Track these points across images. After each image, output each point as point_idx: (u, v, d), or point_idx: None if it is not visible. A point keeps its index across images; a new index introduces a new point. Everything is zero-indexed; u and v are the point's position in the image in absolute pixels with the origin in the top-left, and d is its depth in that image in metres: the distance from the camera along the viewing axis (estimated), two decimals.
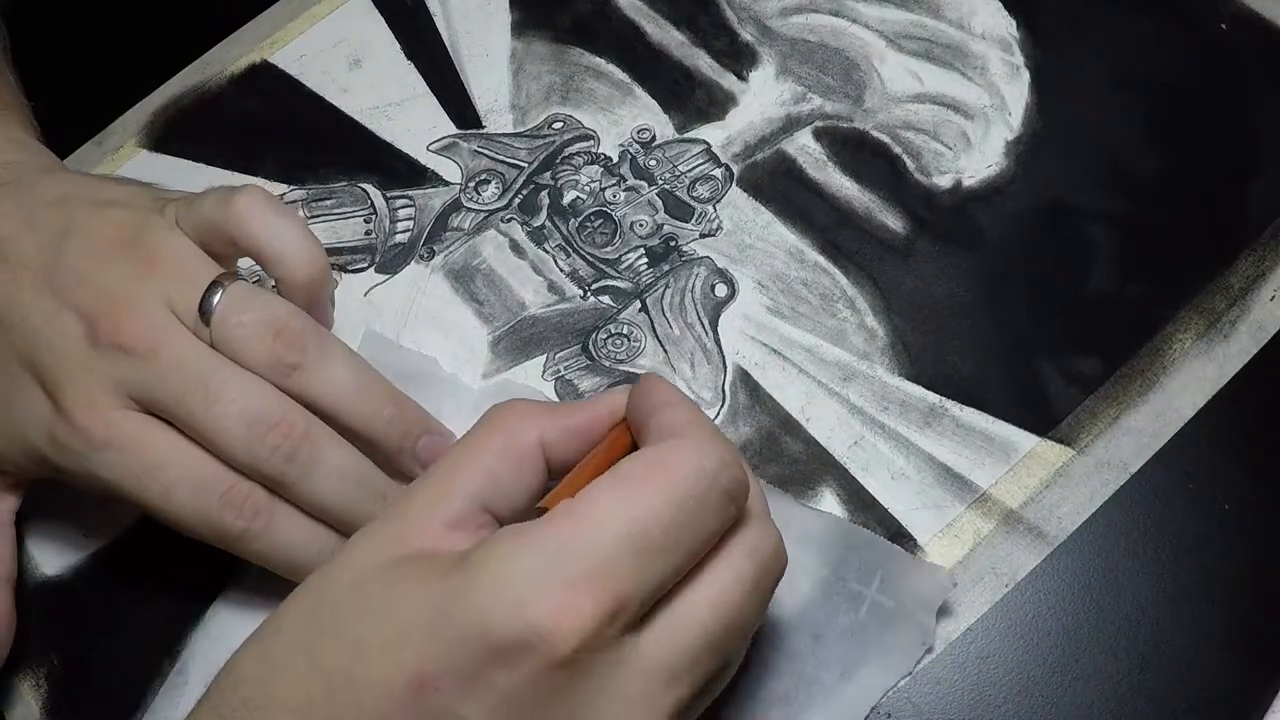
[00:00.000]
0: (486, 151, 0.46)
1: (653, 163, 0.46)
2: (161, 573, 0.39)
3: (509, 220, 0.45)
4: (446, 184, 0.46)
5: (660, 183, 0.45)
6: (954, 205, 0.44)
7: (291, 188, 0.46)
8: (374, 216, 0.45)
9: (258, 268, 0.37)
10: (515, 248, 0.44)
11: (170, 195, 0.38)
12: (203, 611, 0.38)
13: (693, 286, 0.43)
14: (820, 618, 0.35)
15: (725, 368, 0.41)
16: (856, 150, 0.45)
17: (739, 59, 0.48)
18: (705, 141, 0.46)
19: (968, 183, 0.44)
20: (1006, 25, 0.47)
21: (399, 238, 0.45)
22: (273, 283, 0.37)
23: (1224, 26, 0.46)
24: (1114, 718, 0.35)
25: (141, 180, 0.41)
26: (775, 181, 0.45)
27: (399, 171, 0.46)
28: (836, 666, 0.35)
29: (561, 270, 0.44)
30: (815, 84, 0.47)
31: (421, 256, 0.44)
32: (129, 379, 0.34)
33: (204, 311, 0.34)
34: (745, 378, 0.41)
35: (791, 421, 0.40)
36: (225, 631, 0.37)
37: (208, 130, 0.48)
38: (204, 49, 0.50)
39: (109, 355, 0.34)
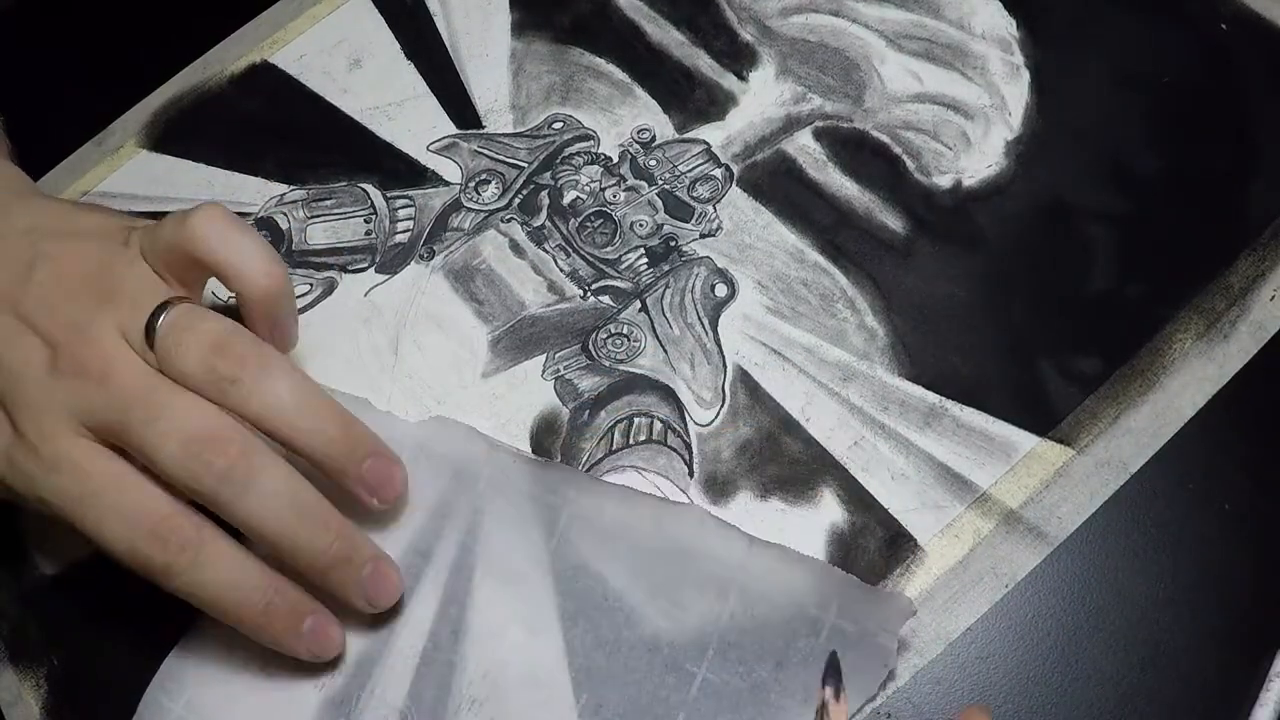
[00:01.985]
0: (486, 151, 0.46)
1: (653, 163, 0.46)
2: None
3: (509, 220, 0.45)
4: (446, 184, 0.46)
5: (660, 183, 0.45)
6: (954, 205, 0.44)
7: (291, 188, 0.46)
8: (374, 216, 0.45)
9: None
10: (515, 248, 0.44)
11: (137, 223, 0.38)
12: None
13: (693, 286, 0.43)
14: (781, 645, 0.35)
15: (725, 368, 0.41)
16: (856, 150, 0.45)
17: (739, 59, 0.48)
18: (705, 141, 0.46)
19: (968, 183, 0.44)
20: (1006, 25, 0.47)
21: (399, 238, 0.45)
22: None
23: (1224, 26, 0.46)
24: (1114, 718, 0.35)
25: (113, 208, 0.41)
26: (775, 181, 0.45)
27: (399, 171, 0.46)
28: (800, 693, 0.34)
29: (561, 270, 0.44)
30: (815, 84, 0.47)
31: (421, 256, 0.44)
32: (83, 405, 0.34)
33: (149, 334, 0.34)
34: (745, 378, 0.41)
35: (791, 421, 0.40)
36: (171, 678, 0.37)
37: (208, 130, 0.48)
38: (204, 49, 0.50)
39: (66, 382, 0.34)
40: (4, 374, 0.35)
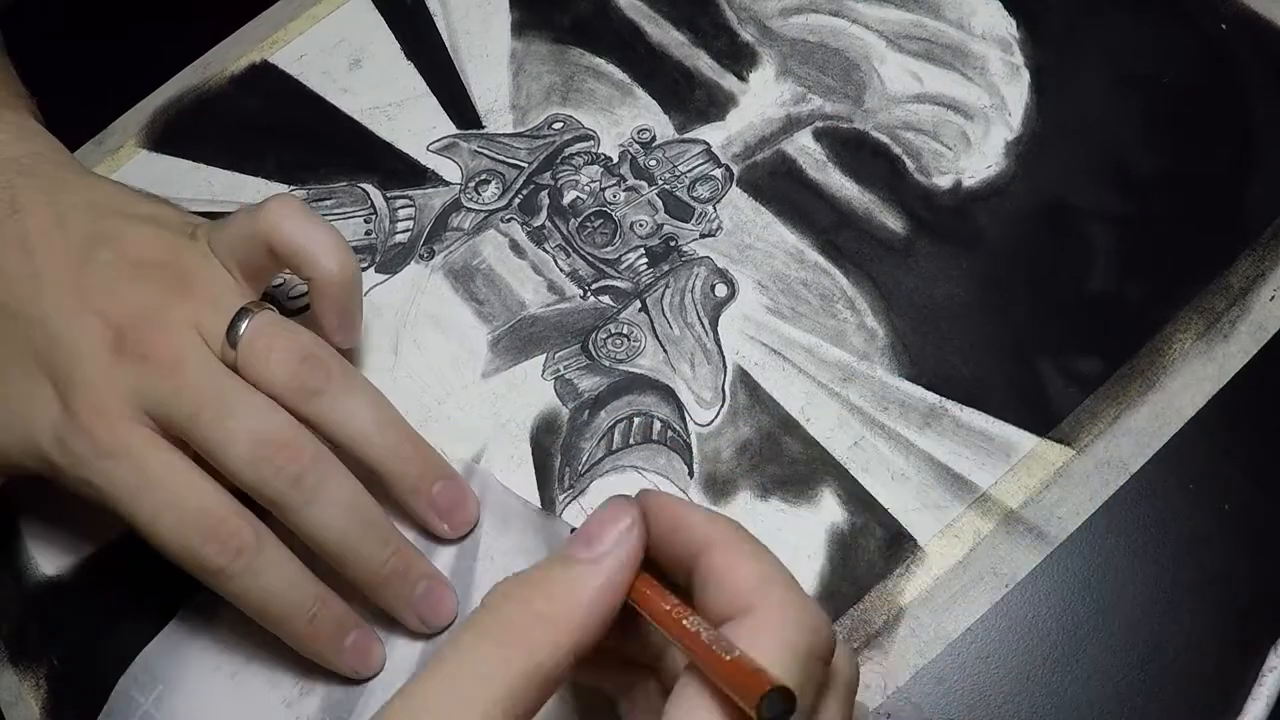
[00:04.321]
0: (486, 151, 0.46)
1: (653, 163, 0.46)
2: (162, 572, 0.39)
3: (509, 220, 0.45)
4: (446, 184, 0.46)
5: (660, 183, 0.45)
6: (954, 205, 0.44)
7: (291, 188, 0.46)
8: (374, 216, 0.45)
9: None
10: (515, 247, 0.44)
11: (196, 220, 0.39)
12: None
13: (693, 286, 0.43)
14: None
15: (725, 368, 0.41)
16: (856, 150, 0.45)
17: (739, 59, 0.48)
18: (705, 142, 0.46)
19: (968, 183, 0.44)
20: (1006, 25, 0.47)
21: (399, 238, 0.45)
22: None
23: (1224, 26, 0.46)
24: (1114, 717, 0.35)
25: (161, 196, 0.41)
26: (775, 182, 0.45)
27: (399, 171, 0.46)
28: None
29: (561, 270, 0.44)
30: (815, 84, 0.47)
31: (421, 256, 0.44)
32: (146, 391, 0.34)
33: (231, 335, 0.35)
34: (745, 378, 0.41)
35: (791, 421, 0.40)
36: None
37: (208, 130, 0.48)
38: (204, 49, 0.50)
39: (130, 366, 0.34)
40: (60, 350, 0.34)
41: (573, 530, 0.36)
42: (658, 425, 0.40)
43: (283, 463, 0.33)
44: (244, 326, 0.35)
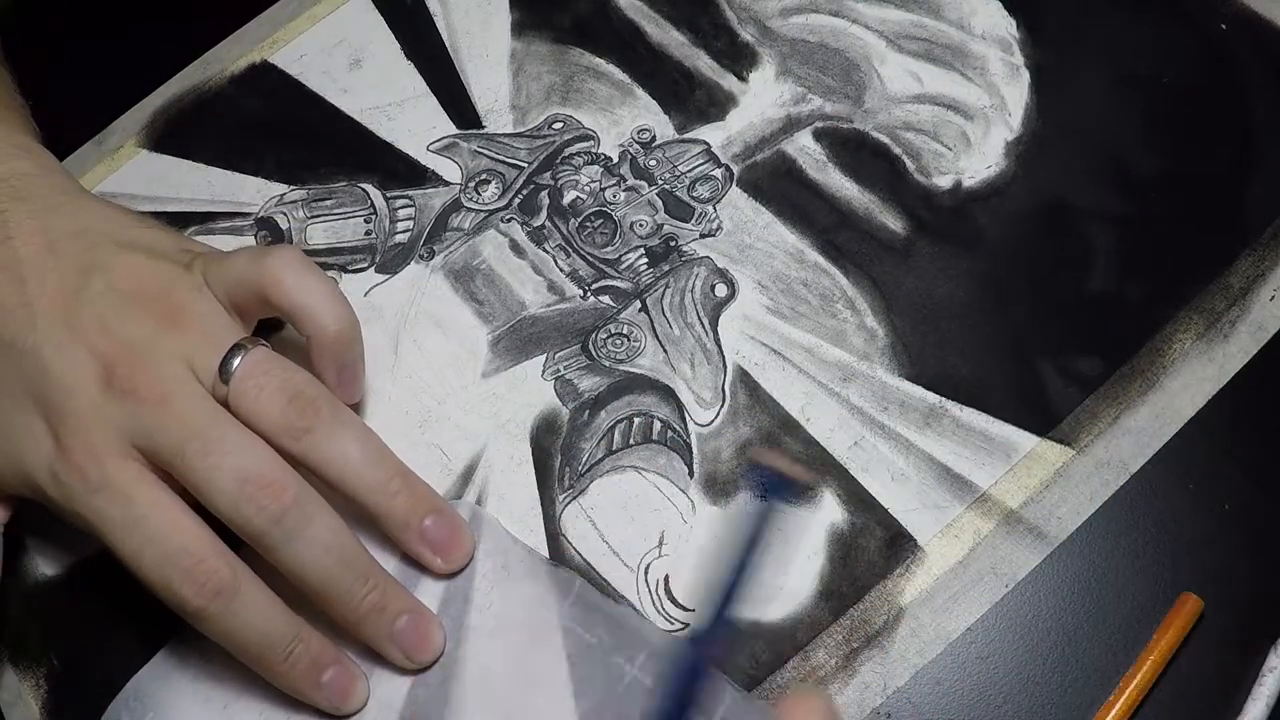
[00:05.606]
0: (486, 151, 0.46)
1: (653, 163, 0.46)
2: None
3: (509, 220, 0.45)
4: (446, 184, 0.46)
5: (660, 183, 0.45)
6: (954, 205, 0.44)
7: (291, 188, 0.46)
8: (374, 216, 0.45)
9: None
10: (515, 248, 0.44)
11: (195, 248, 0.39)
12: None
13: (693, 286, 0.43)
14: None
15: (725, 368, 0.41)
16: (856, 151, 0.45)
17: (739, 59, 0.48)
18: (705, 142, 0.46)
19: (968, 183, 0.44)
20: (1006, 25, 0.47)
21: (399, 238, 0.45)
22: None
23: (1224, 27, 0.46)
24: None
25: (164, 224, 0.41)
26: (775, 182, 0.45)
27: (399, 171, 0.46)
28: None
29: (561, 270, 0.44)
30: (815, 84, 0.47)
31: (421, 256, 0.44)
32: (134, 426, 0.34)
33: (224, 372, 0.35)
34: (745, 378, 0.41)
35: (791, 422, 0.40)
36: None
37: (208, 130, 0.48)
38: (204, 49, 0.50)
39: (119, 401, 0.34)
40: (52, 385, 0.35)
41: (580, 581, 0.36)
42: (658, 425, 0.40)
43: (265, 501, 0.33)
44: (237, 363, 0.35)
